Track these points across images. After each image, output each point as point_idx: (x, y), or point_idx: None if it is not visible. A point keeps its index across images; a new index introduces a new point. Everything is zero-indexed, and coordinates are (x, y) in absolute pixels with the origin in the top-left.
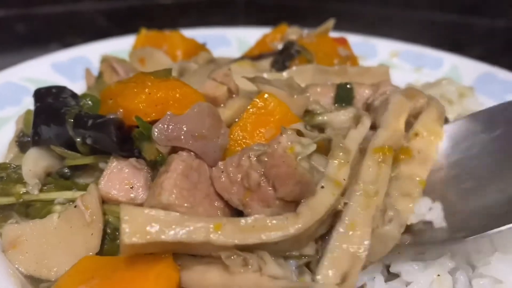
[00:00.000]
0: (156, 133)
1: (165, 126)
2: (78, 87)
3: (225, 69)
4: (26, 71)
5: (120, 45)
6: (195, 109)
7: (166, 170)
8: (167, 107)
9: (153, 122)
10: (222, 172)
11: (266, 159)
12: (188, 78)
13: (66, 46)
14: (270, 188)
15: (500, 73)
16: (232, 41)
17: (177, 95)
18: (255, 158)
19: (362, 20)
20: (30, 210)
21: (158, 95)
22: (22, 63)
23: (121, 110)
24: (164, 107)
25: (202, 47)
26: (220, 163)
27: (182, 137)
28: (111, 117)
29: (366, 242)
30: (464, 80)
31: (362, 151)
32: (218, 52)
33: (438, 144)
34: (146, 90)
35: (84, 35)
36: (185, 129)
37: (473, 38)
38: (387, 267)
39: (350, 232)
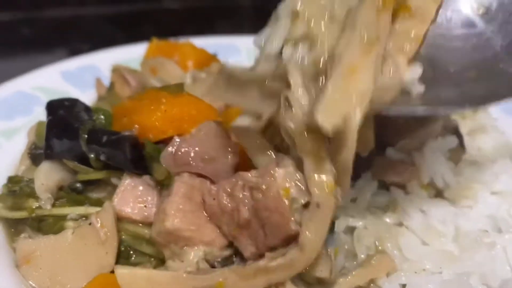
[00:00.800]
0: (165, 160)
1: (174, 151)
2: (88, 96)
3: None
4: (36, 80)
5: (130, 54)
6: (202, 130)
7: (169, 194)
8: (182, 124)
9: (169, 139)
10: (214, 199)
11: (259, 195)
12: (194, 85)
13: (72, 51)
14: (260, 229)
15: None
16: (242, 50)
17: (193, 111)
18: (247, 192)
19: None
20: (43, 225)
21: (174, 112)
22: (32, 72)
23: (136, 126)
24: (180, 124)
25: (213, 58)
26: (212, 188)
27: (192, 162)
28: (126, 134)
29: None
30: None
31: None
32: (228, 61)
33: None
34: (162, 107)
35: (90, 40)
36: (193, 154)
37: None
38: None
39: (351, 76)
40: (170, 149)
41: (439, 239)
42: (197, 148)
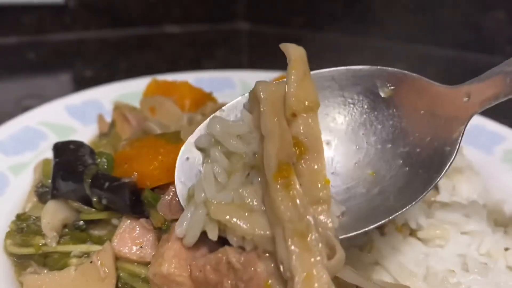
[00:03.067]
0: (161, 208)
1: (169, 200)
2: (90, 130)
3: None
4: (42, 115)
5: (130, 88)
6: None
7: (168, 239)
8: None
9: (165, 186)
10: (200, 271)
11: (242, 284)
12: (191, 130)
13: (75, 76)
14: None
15: (489, 125)
16: (237, 84)
17: None
18: (231, 272)
19: (362, 52)
20: (48, 260)
21: (170, 161)
22: (38, 106)
23: (135, 174)
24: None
25: (209, 96)
26: (200, 260)
27: None
28: (126, 181)
29: None
30: None
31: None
32: (223, 94)
33: (317, 116)
34: (160, 157)
35: (93, 63)
36: None
37: (469, 73)
38: None
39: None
40: (166, 197)
41: (411, 279)
42: None
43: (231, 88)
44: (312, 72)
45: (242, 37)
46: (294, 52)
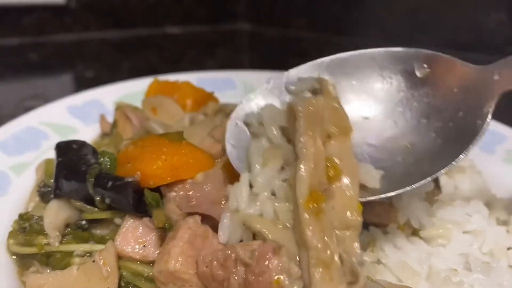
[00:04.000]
0: (178, 200)
1: (187, 193)
2: (92, 130)
3: (222, 130)
4: (44, 115)
5: (132, 88)
6: (211, 177)
7: (174, 237)
8: (180, 172)
9: (170, 185)
10: (207, 267)
11: (252, 277)
12: (193, 130)
13: (77, 77)
14: None
15: (490, 124)
16: (238, 84)
17: (190, 160)
18: (240, 267)
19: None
20: (51, 260)
21: (173, 161)
22: (40, 107)
23: (138, 173)
24: (178, 172)
25: (210, 96)
26: (208, 255)
27: (203, 205)
28: (129, 180)
29: None
30: None
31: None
32: (225, 94)
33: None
34: (163, 157)
35: (94, 64)
36: (205, 196)
37: None
38: None
39: None
40: (183, 192)
41: (413, 278)
42: (207, 192)
43: (232, 88)
44: (353, 52)
45: (243, 38)
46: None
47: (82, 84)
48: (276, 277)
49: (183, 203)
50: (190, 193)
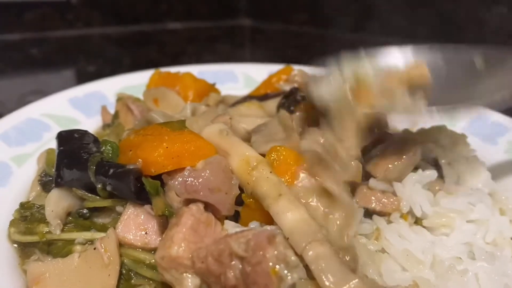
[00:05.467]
0: (177, 186)
1: (185, 180)
2: (94, 121)
3: (226, 117)
4: (45, 107)
5: (134, 81)
6: (211, 164)
7: (177, 223)
8: (182, 159)
9: (171, 172)
10: (202, 263)
11: (249, 268)
12: (196, 120)
13: (79, 72)
14: None
15: (492, 115)
16: (239, 77)
17: (192, 148)
18: (235, 260)
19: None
20: (52, 248)
21: (174, 148)
22: (42, 99)
23: (140, 161)
24: (179, 159)
25: (212, 88)
26: (202, 251)
27: (200, 190)
28: (131, 167)
29: None
30: (458, 121)
31: None
32: (226, 87)
33: None
34: (164, 144)
35: (95, 59)
36: (201, 184)
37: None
38: None
39: None
40: (182, 178)
41: (418, 266)
42: (205, 179)
43: (234, 81)
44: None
45: (244, 33)
46: None
47: (84, 79)
48: (273, 268)
49: (181, 189)
50: (188, 179)
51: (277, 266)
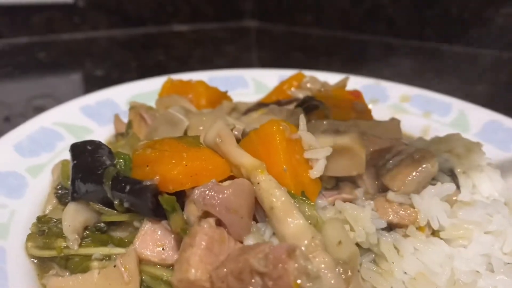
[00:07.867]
0: (196, 196)
1: (206, 191)
2: (106, 130)
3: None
4: (57, 115)
5: (145, 88)
6: (236, 184)
7: (191, 244)
8: (200, 177)
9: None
10: (223, 282)
11: (270, 282)
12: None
13: (86, 75)
14: None
15: (506, 121)
16: (249, 82)
17: (210, 166)
18: (257, 277)
19: (370, 49)
20: (70, 263)
21: (194, 166)
22: (53, 108)
23: (157, 177)
24: (198, 178)
25: (224, 95)
26: (221, 270)
27: (217, 207)
28: (147, 184)
29: None
30: (471, 127)
31: None
32: (236, 92)
33: None
34: (184, 162)
35: (103, 62)
36: (222, 199)
37: (481, 69)
38: None
39: None
40: (203, 188)
41: (436, 280)
42: (226, 197)
43: (244, 87)
44: None
45: (250, 35)
46: None
47: (91, 82)
48: (294, 281)
49: (199, 198)
50: (210, 192)
51: (299, 280)
